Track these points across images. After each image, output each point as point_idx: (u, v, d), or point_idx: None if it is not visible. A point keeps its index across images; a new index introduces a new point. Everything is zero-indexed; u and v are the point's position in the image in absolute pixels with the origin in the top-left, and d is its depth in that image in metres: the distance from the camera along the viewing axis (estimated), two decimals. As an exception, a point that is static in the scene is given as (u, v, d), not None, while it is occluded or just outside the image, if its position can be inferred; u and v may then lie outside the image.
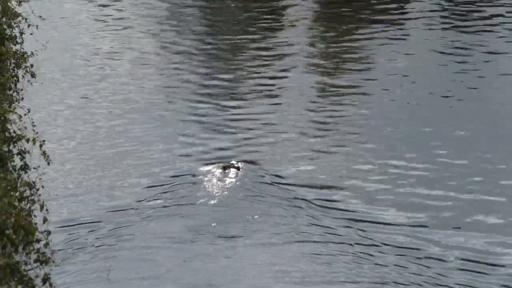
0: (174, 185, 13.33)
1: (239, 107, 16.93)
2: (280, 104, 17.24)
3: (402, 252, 12.20)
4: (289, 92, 17.97)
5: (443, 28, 20.79)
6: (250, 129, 15.88)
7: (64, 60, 15.37)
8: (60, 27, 17.01)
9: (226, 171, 13.76)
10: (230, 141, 15.16)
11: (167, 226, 12.23)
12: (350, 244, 12.27)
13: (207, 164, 14.08)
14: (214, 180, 13.52)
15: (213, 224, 12.28)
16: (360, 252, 12.12)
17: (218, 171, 13.75)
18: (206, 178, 13.54)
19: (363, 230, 12.71)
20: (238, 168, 13.89)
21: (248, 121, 16.16)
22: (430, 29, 20.82)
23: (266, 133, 15.75)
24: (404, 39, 20.19)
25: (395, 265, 11.95)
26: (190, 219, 12.42)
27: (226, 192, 13.13)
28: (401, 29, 20.91)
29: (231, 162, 14.11)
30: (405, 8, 22.52)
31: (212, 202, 12.98)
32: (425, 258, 12.21)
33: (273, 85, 18.23)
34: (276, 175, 13.95)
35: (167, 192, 13.11)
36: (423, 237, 12.69)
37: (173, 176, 13.65)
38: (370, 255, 12.10)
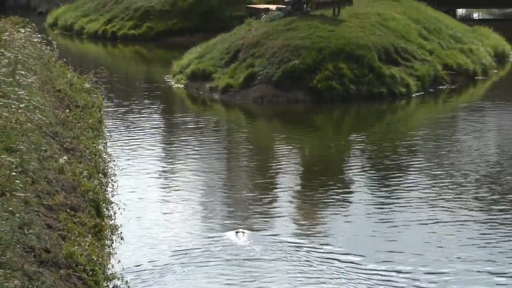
0: (209, 245, 17.47)
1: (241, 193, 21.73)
2: (274, 190, 22.17)
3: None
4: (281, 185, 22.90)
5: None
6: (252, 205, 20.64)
7: (143, 230, 19.09)
8: (140, 205, 21.00)
9: (238, 235, 18.00)
10: (233, 215, 19.73)
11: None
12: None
13: (222, 231, 18.39)
14: (234, 242, 17.66)
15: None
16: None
17: (232, 236, 18.03)
18: (225, 242, 17.70)
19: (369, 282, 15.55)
20: (243, 233, 18.01)
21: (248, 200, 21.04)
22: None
23: (261, 208, 20.43)
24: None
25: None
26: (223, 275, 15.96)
27: (246, 251, 17.13)
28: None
29: (240, 229, 18.35)
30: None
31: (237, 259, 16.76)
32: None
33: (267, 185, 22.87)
34: (277, 235, 18.12)
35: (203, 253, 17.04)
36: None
37: (209, 237, 17.97)
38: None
